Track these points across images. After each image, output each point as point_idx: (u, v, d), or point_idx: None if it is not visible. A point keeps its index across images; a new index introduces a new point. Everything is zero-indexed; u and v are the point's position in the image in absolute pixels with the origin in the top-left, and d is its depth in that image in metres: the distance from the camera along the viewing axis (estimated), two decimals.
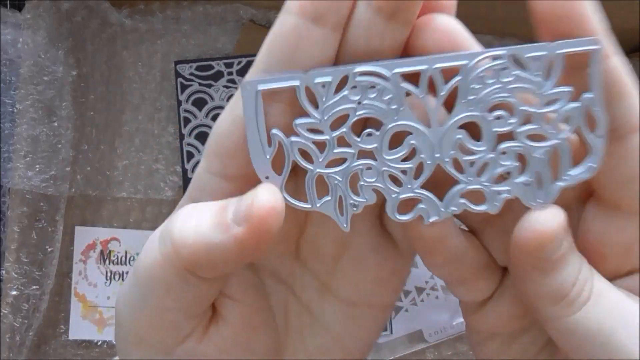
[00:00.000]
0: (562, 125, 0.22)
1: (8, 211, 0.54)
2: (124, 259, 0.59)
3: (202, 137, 0.58)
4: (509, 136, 0.22)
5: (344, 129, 0.22)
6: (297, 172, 0.23)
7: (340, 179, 0.22)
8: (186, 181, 0.59)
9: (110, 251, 0.59)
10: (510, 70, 0.21)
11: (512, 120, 0.22)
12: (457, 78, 0.21)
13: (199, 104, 0.58)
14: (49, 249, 0.56)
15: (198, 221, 0.21)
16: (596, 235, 0.23)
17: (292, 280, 0.26)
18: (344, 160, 0.22)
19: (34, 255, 0.55)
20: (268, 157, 0.22)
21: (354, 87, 0.21)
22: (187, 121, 0.59)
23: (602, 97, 0.21)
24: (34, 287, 0.55)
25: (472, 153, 0.22)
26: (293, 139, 0.22)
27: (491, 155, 0.22)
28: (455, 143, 0.22)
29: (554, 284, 0.21)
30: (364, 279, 0.25)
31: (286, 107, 0.22)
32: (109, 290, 0.59)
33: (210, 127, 0.53)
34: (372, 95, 0.21)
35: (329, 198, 0.22)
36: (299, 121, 0.22)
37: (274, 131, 0.22)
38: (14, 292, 0.55)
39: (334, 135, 0.22)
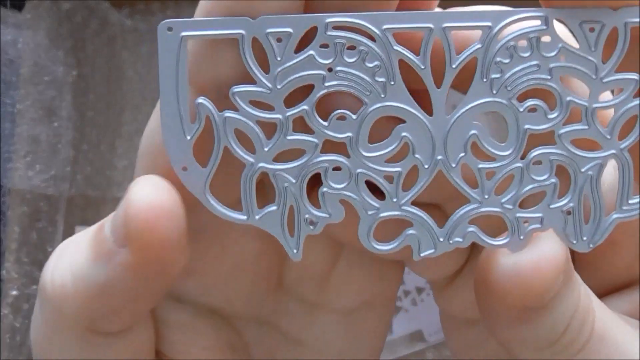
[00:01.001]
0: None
1: (8, 211, 0.54)
2: None
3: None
4: (546, 138, 0.16)
5: (306, 107, 0.15)
6: (234, 164, 0.16)
7: (294, 181, 0.15)
8: None
9: None
10: (555, 42, 0.15)
11: (552, 116, 0.15)
12: (476, 46, 0.15)
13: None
14: (49, 249, 0.56)
15: (73, 258, 0.15)
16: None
17: (276, 317, 0.20)
18: (301, 154, 0.15)
19: (34, 255, 0.55)
20: (189, 137, 0.15)
21: (325, 45, 0.15)
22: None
23: None
24: (34, 287, 0.55)
25: (492, 159, 0.16)
26: (228, 114, 0.15)
27: (518, 165, 0.15)
28: (467, 142, 0.15)
29: (540, 330, 0.16)
30: (364, 280, 0.20)
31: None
32: None
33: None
34: (351, 60, 0.15)
35: (274, 208, 0.16)
36: (238, 89, 0.15)
37: (201, 100, 0.15)
38: (14, 292, 0.55)
39: (289, 114, 0.15)
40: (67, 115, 0.56)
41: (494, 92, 0.15)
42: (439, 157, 0.15)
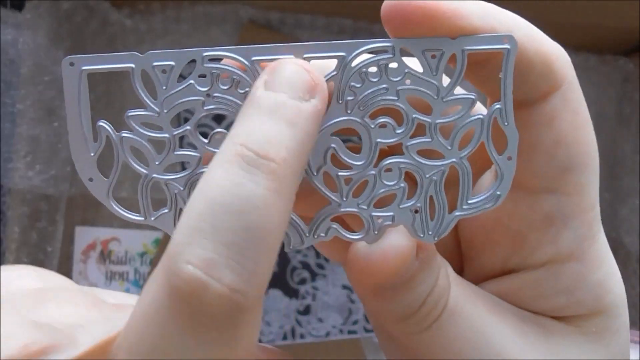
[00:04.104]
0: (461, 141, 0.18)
1: (8, 211, 0.54)
2: (124, 258, 0.59)
3: (203, 137, 0.58)
4: (395, 150, 0.18)
5: (188, 127, 0.18)
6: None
7: (182, 188, 0.18)
8: None
9: (110, 251, 0.59)
10: (401, 68, 0.17)
11: (400, 130, 0.17)
12: (332, 73, 0.17)
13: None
14: (49, 249, 0.56)
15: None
16: (486, 215, 0.19)
17: None
18: (187, 165, 0.18)
19: (34, 255, 0.55)
20: (92, 154, 0.18)
21: (203, 75, 0.17)
22: (187, 121, 0.59)
23: (512, 108, 0.17)
24: None
25: (348, 168, 0.18)
26: (124, 134, 0.18)
27: (372, 172, 0.18)
28: (326, 153, 0.18)
29: (398, 306, 0.19)
30: None
31: None
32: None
33: (211, 127, 0.53)
34: (225, 87, 0.17)
35: (166, 210, 0.18)
36: (132, 113, 0.18)
37: (101, 123, 0.18)
38: None
39: (175, 133, 0.18)
40: None
41: (349, 111, 0.17)
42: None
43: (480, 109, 0.18)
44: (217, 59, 0.17)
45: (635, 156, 0.66)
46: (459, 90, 0.18)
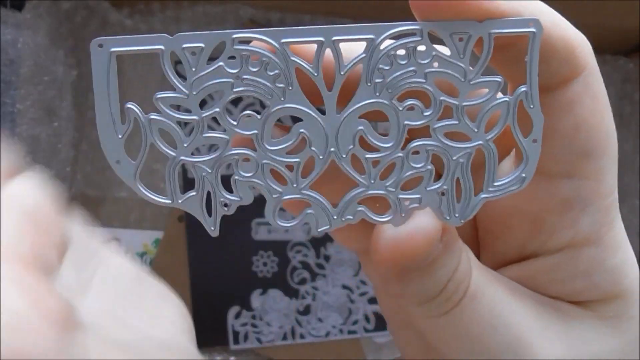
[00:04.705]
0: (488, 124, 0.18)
1: None
2: None
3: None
4: (423, 132, 0.18)
5: (217, 109, 0.18)
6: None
7: (210, 171, 0.18)
8: (186, 181, 0.59)
9: None
10: (429, 51, 0.17)
11: (427, 113, 0.18)
12: (361, 55, 0.17)
13: (199, 104, 0.58)
14: None
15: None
16: (504, 201, 0.19)
17: None
18: (215, 148, 0.18)
19: None
20: (120, 136, 0.18)
21: (232, 57, 0.17)
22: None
23: (538, 91, 0.17)
24: None
25: (376, 150, 0.18)
26: (153, 116, 0.18)
27: (399, 155, 0.18)
28: (355, 136, 0.18)
29: (420, 289, 0.19)
30: None
31: None
32: None
33: (210, 128, 0.53)
34: (255, 69, 0.17)
35: (194, 193, 0.18)
36: (160, 95, 0.18)
37: (129, 105, 0.18)
38: None
39: (204, 115, 0.18)
40: (67, 115, 0.56)
41: (377, 94, 0.18)
42: (332, 149, 0.18)
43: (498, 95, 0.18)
44: (247, 41, 0.17)
45: (635, 156, 0.66)
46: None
